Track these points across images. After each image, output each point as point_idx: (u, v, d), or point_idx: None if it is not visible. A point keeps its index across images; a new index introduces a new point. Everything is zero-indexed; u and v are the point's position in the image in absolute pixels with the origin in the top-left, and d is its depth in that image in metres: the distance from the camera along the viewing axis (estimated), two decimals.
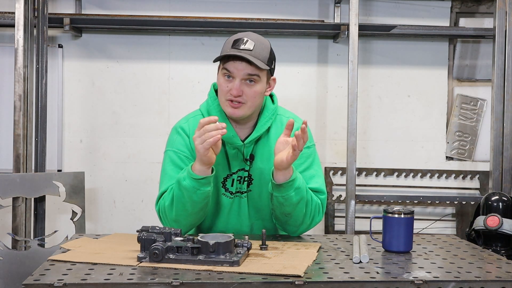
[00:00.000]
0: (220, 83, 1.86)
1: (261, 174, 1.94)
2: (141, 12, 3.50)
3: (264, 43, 1.87)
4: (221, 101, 1.88)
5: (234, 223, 1.97)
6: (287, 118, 1.96)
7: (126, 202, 3.60)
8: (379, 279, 1.42)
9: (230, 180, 1.94)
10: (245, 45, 1.81)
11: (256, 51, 1.82)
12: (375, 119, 3.68)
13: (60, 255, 1.62)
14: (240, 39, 1.83)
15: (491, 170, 3.41)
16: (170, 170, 1.90)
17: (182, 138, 1.94)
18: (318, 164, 2.00)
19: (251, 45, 1.82)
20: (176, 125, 2.00)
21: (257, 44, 1.83)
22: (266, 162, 1.93)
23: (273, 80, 1.94)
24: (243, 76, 1.81)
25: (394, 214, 1.71)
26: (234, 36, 1.86)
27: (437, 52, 3.68)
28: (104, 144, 3.57)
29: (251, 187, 1.95)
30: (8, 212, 3.16)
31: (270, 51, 1.87)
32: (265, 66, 1.83)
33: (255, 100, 1.85)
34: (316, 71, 3.64)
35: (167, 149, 1.96)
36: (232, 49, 1.81)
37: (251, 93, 1.83)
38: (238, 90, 1.81)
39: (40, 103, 3.19)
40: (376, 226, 1.87)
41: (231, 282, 1.37)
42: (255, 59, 1.80)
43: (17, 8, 3.11)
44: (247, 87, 1.82)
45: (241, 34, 1.87)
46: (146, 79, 3.58)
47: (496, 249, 2.94)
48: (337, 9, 3.55)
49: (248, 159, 1.93)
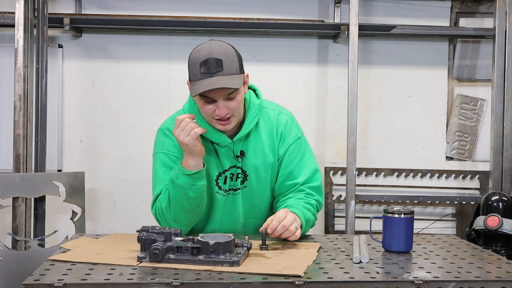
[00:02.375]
0: (201, 105, 1.81)
1: (256, 169, 1.94)
2: (141, 12, 3.50)
3: (229, 52, 1.78)
4: (208, 120, 1.85)
5: (227, 220, 1.97)
6: (273, 111, 1.98)
7: (126, 202, 3.60)
8: (379, 279, 1.42)
9: (223, 178, 1.93)
10: (214, 67, 1.73)
11: (227, 68, 1.74)
12: (375, 119, 3.68)
13: (60, 255, 1.62)
14: (207, 61, 1.73)
15: (491, 170, 3.41)
16: (162, 172, 1.90)
17: (170, 139, 1.92)
18: (310, 152, 2.02)
19: (220, 65, 1.73)
20: (162, 126, 1.98)
21: (224, 59, 1.74)
22: (259, 157, 1.93)
23: (247, 76, 1.88)
24: (223, 97, 1.77)
25: (394, 214, 1.71)
26: (198, 56, 1.75)
27: (437, 52, 3.68)
28: (104, 144, 3.57)
29: (246, 183, 1.95)
30: (8, 212, 3.16)
31: (237, 57, 1.79)
32: (240, 81, 1.78)
33: (240, 107, 1.85)
34: (316, 71, 3.64)
35: (156, 152, 1.95)
36: (203, 75, 1.73)
37: (235, 105, 1.80)
38: (223, 110, 1.78)
39: (40, 103, 3.19)
40: (376, 226, 1.87)
41: (231, 282, 1.37)
42: (230, 78, 1.74)
43: (17, 8, 3.11)
44: (229, 102, 1.79)
45: (204, 52, 1.74)
46: (146, 79, 3.58)
47: (496, 249, 2.94)
48: (337, 9, 3.55)
49: (238, 155, 1.93)
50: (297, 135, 1.98)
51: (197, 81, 1.75)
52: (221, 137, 1.89)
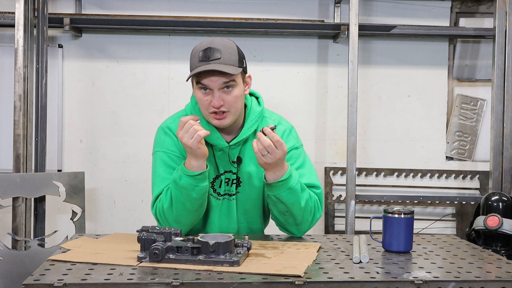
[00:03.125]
0: (199, 97, 1.83)
1: (250, 177, 1.94)
2: (141, 12, 3.50)
3: (230, 46, 1.82)
4: (204, 114, 1.87)
5: (221, 225, 1.96)
6: (273, 121, 1.97)
7: (126, 202, 3.60)
8: (379, 279, 1.42)
9: (219, 181, 1.94)
10: (212, 55, 1.77)
11: (225, 58, 1.78)
12: (375, 119, 3.68)
13: (60, 255, 1.62)
14: (206, 49, 1.78)
15: (491, 170, 3.41)
16: (163, 171, 1.90)
17: (170, 138, 1.93)
18: (309, 162, 2.01)
19: (218, 54, 1.78)
20: (163, 125, 1.99)
21: (223, 50, 1.79)
22: (254, 165, 1.92)
23: (249, 77, 1.91)
24: (219, 86, 1.79)
25: (394, 214, 1.71)
26: (199, 47, 1.82)
27: (437, 52, 3.68)
28: (104, 144, 3.57)
29: (239, 189, 1.95)
30: (8, 212, 3.16)
31: (237, 52, 1.83)
32: (237, 70, 1.80)
33: (237, 104, 1.84)
34: (316, 71, 3.64)
35: (156, 150, 1.95)
36: (200, 63, 1.78)
37: (232, 99, 1.81)
38: (218, 100, 1.79)
39: (40, 103, 3.19)
40: (376, 226, 1.87)
41: (231, 282, 1.37)
42: (226, 66, 1.77)
43: (17, 8, 3.11)
44: (226, 95, 1.81)
45: (205, 43, 1.81)
46: (146, 79, 3.58)
47: (496, 249, 2.94)
48: (337, 9, 3.55)
49: (235, 161, 1.93)
50: (295, 145, 1.97)
51: (193, 67, 1.80)
52: (219, 139, 1.89)
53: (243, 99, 1.89)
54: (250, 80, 1.92)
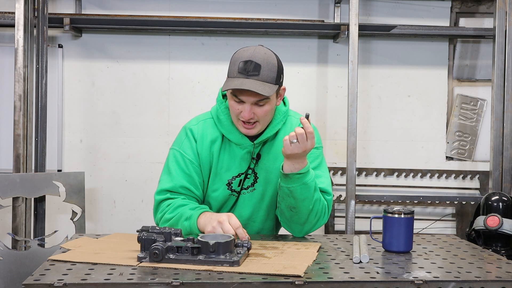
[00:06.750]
0: (231, 104, 1.86)
1: (267, 173, 1.96)
2: (141, 12, 3.50)
3: (271, 61, 1.83)
4: (233, 119, 1.90)
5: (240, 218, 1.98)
6: (296, 120, 1.99)
7: (126, 202, 3.60)
8: (379, 279, 1.42)
9: (237, 180, 1.96)
10: (252, 69, 1.78)
11: (264, 74, 1.79)
12: (375, 119, 3.68)
13: (60, 255, 1.62)
14: (247, 62, 1.79)
15: (491, 170, 3.41)
16: (174, 170, 1.94)
17: (189, 141, 1.96)
18: (325, 166, 2.02)
19: (257, 69, 1.78)
20: (187, 125, 2.01)
21: (263, 65, 1.79)
22: (272, 162, 1.95)
23: (283, 90, 1.93)
24: (252, 102, 1.82)
25: (394, 214, 1.71)
26: (241, 55, 1.81)
27: (437, 52, 3.68)
28: (104, 144, 3.57)
29: (255, 186, 1.97)
30: (8, 212, 3.16)
31: (277, 68, 1.83)
32: (272, 90, 1.80)
33: (267, 117, 1.88)
34: (316, 71, 3.64)
35: (174, 147, 1.98)
36: (239, 75, 1.78)
37: (263, 113, 1.84)
38: (249, 113, 1.82)
39: (40, 103, 3.19)
40: (376, 226, 1.87)
41: (231, 282, 1.37)
42: (263, 85, 1.78)
43: (17, 8, 3.11)
44: (257, 108, 1.83)
45: (248, 53, 1.81)
46: (146, 79, 3.58)
47: (496, 249, 2.94)
48: (337, 9, 3.55)
49: (254, 157, 1.95)
50: (317, 145, 1.97)
51: (232, 78, 1.81)
52: (243, 139, 1.91)
53: (273, 110, 1.91)
54: (284, 91, 1.94)
